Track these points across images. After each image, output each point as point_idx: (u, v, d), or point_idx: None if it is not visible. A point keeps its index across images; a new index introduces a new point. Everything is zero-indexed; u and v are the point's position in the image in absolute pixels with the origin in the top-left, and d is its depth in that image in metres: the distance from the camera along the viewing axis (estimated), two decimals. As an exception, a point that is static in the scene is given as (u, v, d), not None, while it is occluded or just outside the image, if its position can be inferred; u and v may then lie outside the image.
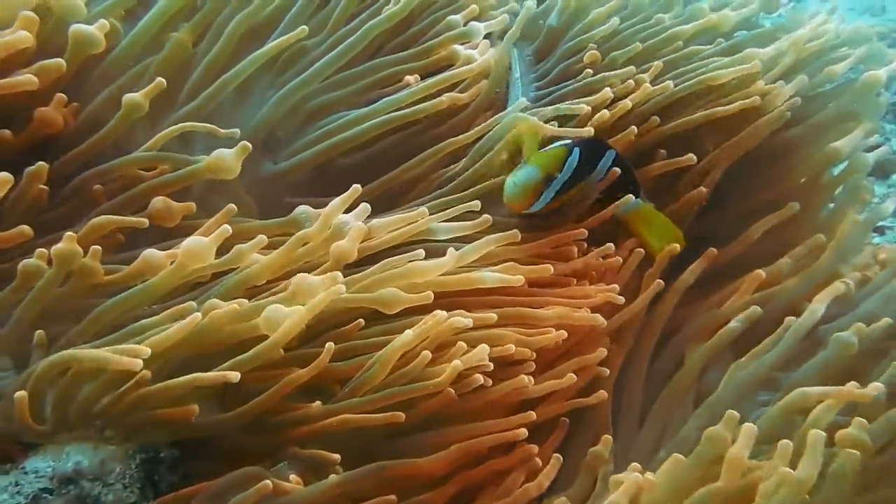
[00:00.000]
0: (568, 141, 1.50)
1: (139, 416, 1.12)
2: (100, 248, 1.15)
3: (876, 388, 1.12)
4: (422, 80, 1.59)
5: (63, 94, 1.31)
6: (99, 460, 1.11)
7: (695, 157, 1.60)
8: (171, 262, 1.16)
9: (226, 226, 1.16)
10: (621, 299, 1.42)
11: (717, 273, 1.60)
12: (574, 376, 1.33)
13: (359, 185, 1.27)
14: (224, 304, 1.13)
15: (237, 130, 1.37)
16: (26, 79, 1.23)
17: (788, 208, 1.61)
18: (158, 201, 1.28)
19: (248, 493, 1.06)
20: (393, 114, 1.53)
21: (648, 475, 1.08)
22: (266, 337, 1.12)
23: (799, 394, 1.15)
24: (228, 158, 1.29)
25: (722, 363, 1.45)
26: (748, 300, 1.46)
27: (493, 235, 1.35)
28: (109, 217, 1.24)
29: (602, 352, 1.40)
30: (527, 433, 1.25)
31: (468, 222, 1.38)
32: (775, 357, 1.33)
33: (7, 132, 1.25)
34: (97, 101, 1.38)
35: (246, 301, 1.15)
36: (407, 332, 1.18)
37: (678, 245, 1.52)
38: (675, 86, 1.62)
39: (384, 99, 1.55)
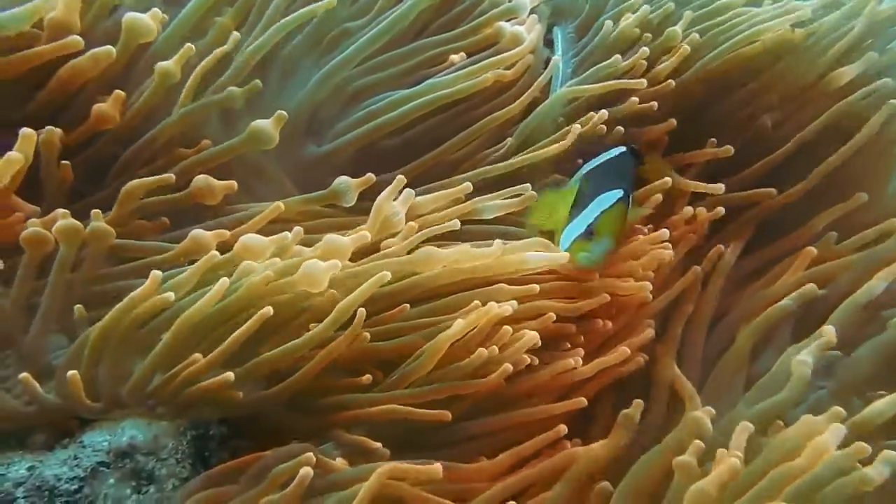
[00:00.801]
0: (620, 192, 1.41)
1: (190, 395, 1.16)
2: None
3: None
4: (468, 58, 1.59)
5: (121, 91, 1.34)
6: (153, 436, 1.16)
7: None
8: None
9: (285, 233, 1.19)
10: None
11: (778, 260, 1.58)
12: (627, 349, 1.33)
13: (403, 177, 1.29)
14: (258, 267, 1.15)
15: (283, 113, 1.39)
16: (72, 41, 1.25)
17: (855, 199, 1.56)
18: (200, 179, 1.31)
19: (290, 464, 1.09)
20: (437, 93, 1.54)
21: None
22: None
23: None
24: (266, 128, 1.32)
25: (779, 345, 1.43)
26: (800, 277, 1.42)
27: (540, 239, 1.36)
28: (140, 181, 1.26)
29: (650, 332, 1.40)
30: (566, 429, 1.26)
31: (514, 199, 1.38)
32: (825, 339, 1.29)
33: (59, 132, 1.27)
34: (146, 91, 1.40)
35: (278, 259, 1.16)
36: (457, 321, 1.19)
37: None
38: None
39: (428, 81, 1.56)
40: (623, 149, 1.53)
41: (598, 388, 1.36)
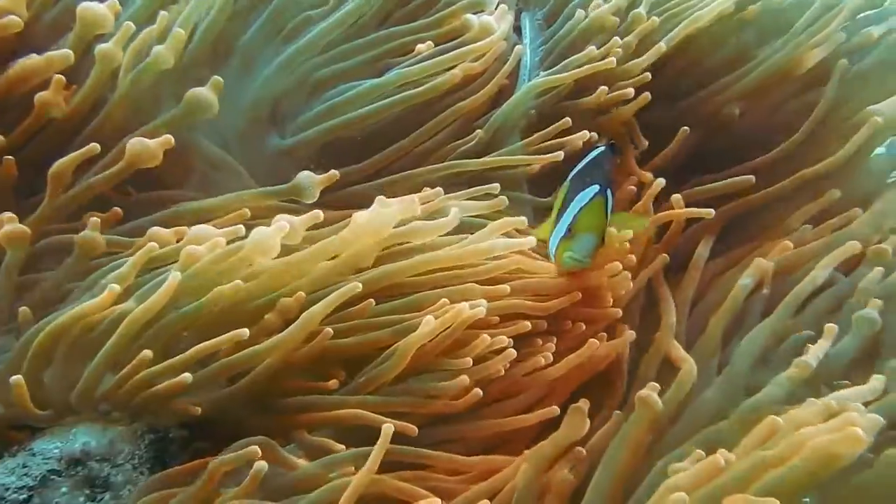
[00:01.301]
0: (596, 187, 1.37)
1: (144, 399, 1.12)
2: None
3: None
4: (435, 48, 1.57)
5: (61, 76, 1.28)
6: (107, 441, 1.12)
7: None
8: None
9: (239, 226, 1.15)
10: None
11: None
12: (596, 342, 1.32)
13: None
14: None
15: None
16: (10, 21, 1.21)
17: (829, 196, 1.56)
18: (134, 142, 1.22)
19: (231, 457, 1.07)
20: (407, 92, 1.51)
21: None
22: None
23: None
24: (203, 94, 1.28)
25: (749, 329, 1.41)
26: (766, 263, 1.42)
27: (502, 220, 1.32)
28: (64, 159, 1.20)
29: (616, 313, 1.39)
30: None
31: (483, 202, 1.36)
32: (776, 322, 1.31)
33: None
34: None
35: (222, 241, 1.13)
36: (427, 319, 1.16)
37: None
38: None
39: (396, 71, 1.53)
40: (602, 147, 1.51)
41: (574, 386, 1.34)
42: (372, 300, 1.20)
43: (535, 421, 1.26)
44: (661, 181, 1.56)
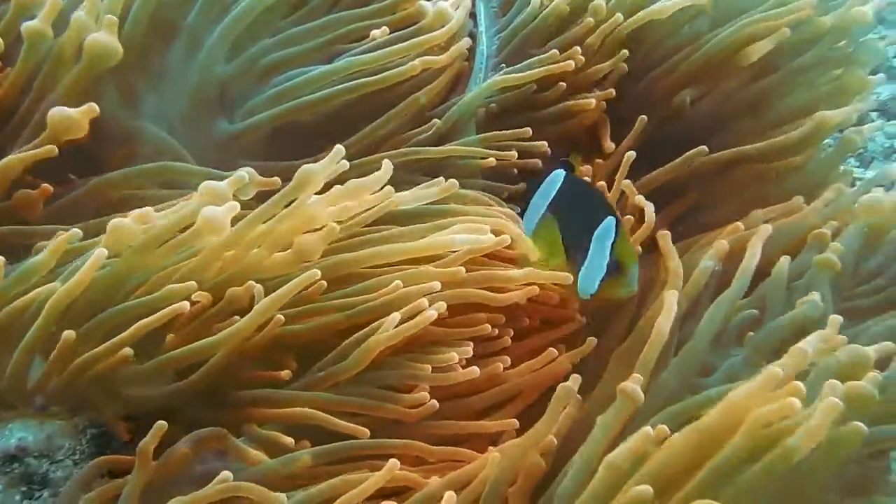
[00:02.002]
0: (611, 219, 1.40)
1: (80, 385, 1.08)
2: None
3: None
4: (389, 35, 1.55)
5: None
6: (45, 436, 1.08)
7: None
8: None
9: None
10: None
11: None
12: (554, 351, 1.34)
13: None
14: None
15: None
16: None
17: (794, 202, 1.58)
18: (54, 111, 1.16)
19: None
20: (362, 80, 1.49)
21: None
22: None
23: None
24: (104, 39, 1.22)
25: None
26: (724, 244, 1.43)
27: (431, 190, 1.32)
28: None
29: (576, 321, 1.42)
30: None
31: (433, 188, 1.34)
32: (727, 304, 1.32)
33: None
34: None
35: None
36: (392, 317, 1.15)
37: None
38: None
39: (350, 58, 1.50)
40: (560, 171, 1.53)
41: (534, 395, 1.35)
42: (324, 282, 1.18)
43: (494, 429, 1.27)
44: (632, 154, 1.58)
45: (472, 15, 1.64)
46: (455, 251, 1.26)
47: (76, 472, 1.08)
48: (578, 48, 1.58)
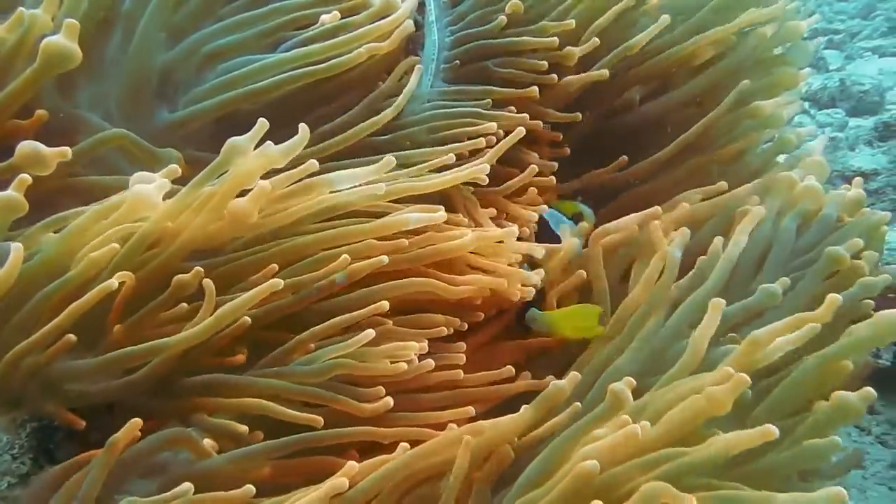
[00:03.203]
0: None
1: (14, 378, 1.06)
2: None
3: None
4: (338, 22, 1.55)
5: None
6: (-19, 432, 1.04)
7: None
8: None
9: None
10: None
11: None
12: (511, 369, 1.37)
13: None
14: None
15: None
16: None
17: (717, 187, 1.64)
18: (25, 145, 1.13)
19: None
20: (308, 69, 1.48)
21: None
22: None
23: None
24: (62, 42, 1.18)
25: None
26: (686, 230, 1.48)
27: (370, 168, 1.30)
28: None
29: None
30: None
31: (370, 166, 1.31)
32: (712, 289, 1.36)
33: None
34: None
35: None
36: (369, 332, 1.18)
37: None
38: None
39: (296, 50, 1.50)
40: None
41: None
42: (275, 265, 1.18)
43: (449, 419, 1.26)
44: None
45: (421, 5, 1.66)
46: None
47: (15, 467, 1.04)
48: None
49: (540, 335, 1.49)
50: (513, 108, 1.61)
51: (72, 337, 1.04)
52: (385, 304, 1.23)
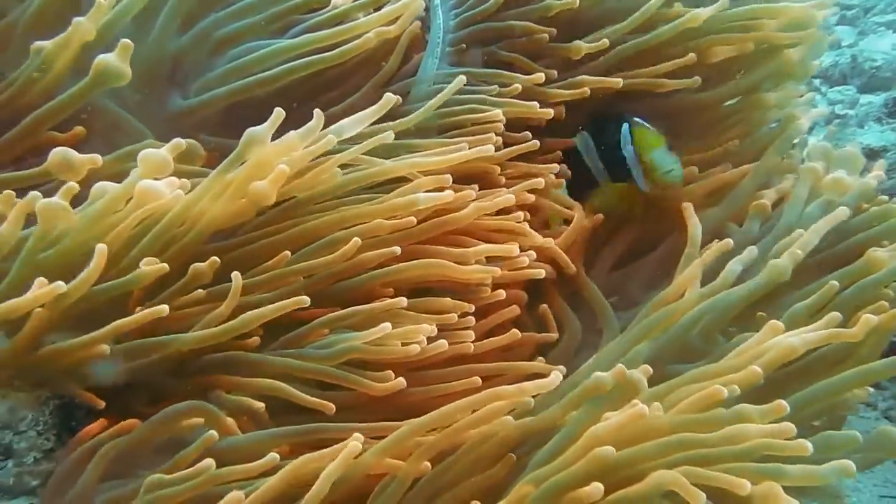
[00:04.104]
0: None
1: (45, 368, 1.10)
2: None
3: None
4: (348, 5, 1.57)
5: None
6: (7, 408, 1.10)
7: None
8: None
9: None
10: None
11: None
12: (517, 333, 1.39)
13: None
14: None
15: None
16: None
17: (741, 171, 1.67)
18: (57, 153, 1.15)
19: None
20: (319, 56, 1.50)
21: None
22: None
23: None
24: (113, 61, 1.24)
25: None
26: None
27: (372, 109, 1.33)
28: None
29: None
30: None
31: (371, 108, 1.33)
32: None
33: None
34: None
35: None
36: (385, 326, 1.20)
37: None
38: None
39: (305, 36, 1.52)
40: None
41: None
42: (288, 252, 1.21)
43: (459, 389, 1.28)
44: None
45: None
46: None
47: (40, 443, 1.09)
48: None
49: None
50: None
51: (106, 349, 1.09)
52: (403, 301, 1.26)
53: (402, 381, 1.22)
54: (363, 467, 1.07)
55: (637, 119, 1.62)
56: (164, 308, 1.09)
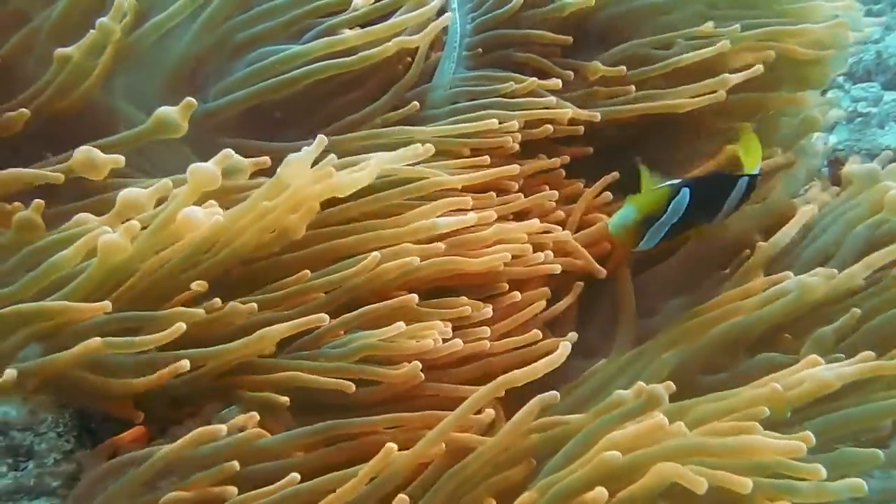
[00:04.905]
0: (677, 181, 1.49)
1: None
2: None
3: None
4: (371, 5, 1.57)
5: None
6: (27, 410, 1.11)
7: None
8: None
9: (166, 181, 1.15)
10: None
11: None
12: (538, 333, 1.37)
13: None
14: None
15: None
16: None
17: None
18: (82, 151, 1.18)
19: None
20: (338, 61, 1.51)
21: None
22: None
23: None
24: (173, 116, 1.26)
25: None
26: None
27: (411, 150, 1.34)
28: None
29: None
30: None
31: (407, 152, 1.34)
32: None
33: None
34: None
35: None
36: (399, 325, 1.21)
37: None
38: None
39: (325, 39, 1.53)
40: None
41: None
42: (307, 271, 1.24)
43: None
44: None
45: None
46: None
47: (60, 444, 1.11)
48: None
49: None
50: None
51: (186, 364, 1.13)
52: (414, 298, 1.28)
53: (417, 365, 1.22)
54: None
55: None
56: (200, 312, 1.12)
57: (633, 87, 1.64)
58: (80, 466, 1.11)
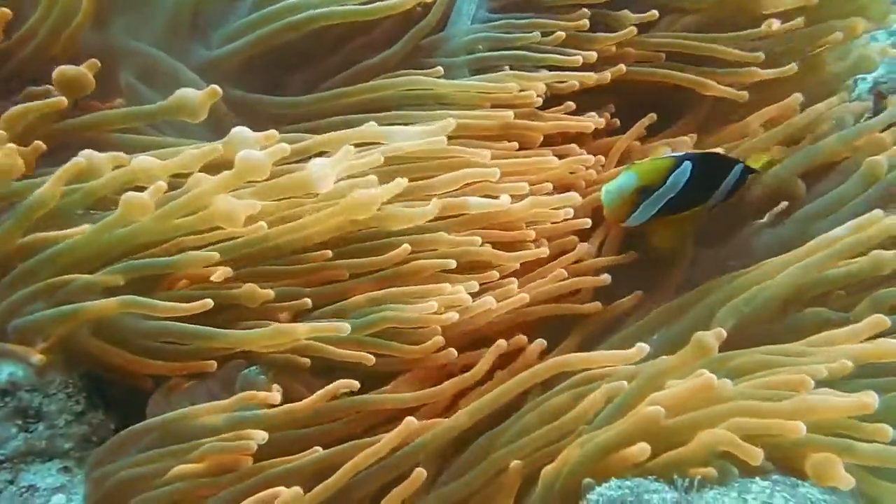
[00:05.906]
0: (680, 153, 1.42)
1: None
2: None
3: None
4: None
5: None
6: (35, 371, 1.06)
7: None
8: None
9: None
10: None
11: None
12: (563, 272, 1.32)
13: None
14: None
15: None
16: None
17: (793, 99, 1.53)
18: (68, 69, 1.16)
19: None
20: (351, 8, 1.42)
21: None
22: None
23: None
24: (193, 99, 1.18)
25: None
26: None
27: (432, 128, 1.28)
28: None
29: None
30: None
31: (427, 128, 1.28)
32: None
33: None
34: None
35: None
36: (431, 304, 1.17)
37: None
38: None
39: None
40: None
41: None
42: (329, 252, 1.21)
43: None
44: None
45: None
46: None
47: (70, 405, 1.06)
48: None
49: None
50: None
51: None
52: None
53: (453, 352, 1.19)
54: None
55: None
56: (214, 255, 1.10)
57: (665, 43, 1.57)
58: (93, 428, 1.07)
